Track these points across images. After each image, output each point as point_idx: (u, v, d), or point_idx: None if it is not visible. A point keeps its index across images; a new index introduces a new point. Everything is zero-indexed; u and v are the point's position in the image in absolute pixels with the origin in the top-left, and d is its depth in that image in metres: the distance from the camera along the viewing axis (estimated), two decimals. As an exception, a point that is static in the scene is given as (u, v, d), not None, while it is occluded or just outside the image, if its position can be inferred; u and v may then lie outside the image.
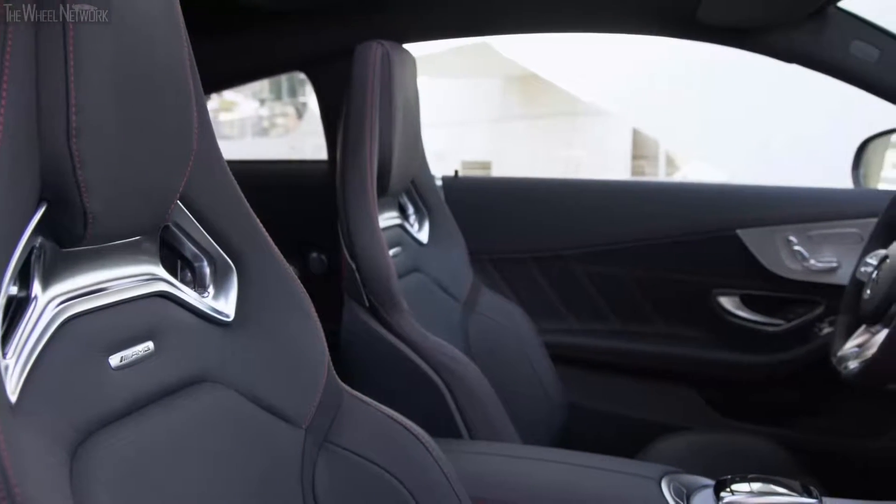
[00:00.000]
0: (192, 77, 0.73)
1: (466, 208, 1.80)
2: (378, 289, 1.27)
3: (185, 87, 0.71)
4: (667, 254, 1.78)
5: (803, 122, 6.25)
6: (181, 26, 0.70)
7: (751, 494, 0.98)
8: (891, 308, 1.21)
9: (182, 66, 0.70)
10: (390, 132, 1.35)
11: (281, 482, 0.81)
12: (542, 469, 1.10)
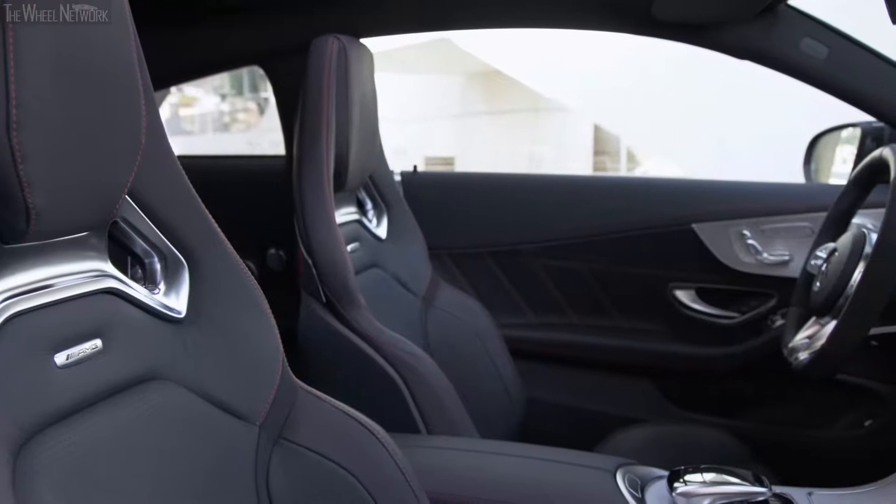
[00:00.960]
0: (141, 71, 0.72)
1: (425, 203, 1.80)
2: (335, 284, 1.27)
3: (133, 82, 0.70)
4: (624, 248, 1.80)
5: (761, 120, 6.34)
6: (128, 19, 0.69)
7: (703, 484, 0.99)
8: (839, 300, 1.23)
9: (129, 60, 0.69)
10: (347, 127, 1.34)
11: (234, 479, 0.80)
12: (498, 463, 1.10)
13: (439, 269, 1.79)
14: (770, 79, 1.56)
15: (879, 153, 1.25)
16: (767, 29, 1.46)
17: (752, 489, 0.98)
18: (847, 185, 1.41)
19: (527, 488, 1.02)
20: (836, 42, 1.46)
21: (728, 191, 1.80)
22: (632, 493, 1.02)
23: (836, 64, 1.45)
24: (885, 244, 1.11)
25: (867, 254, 1.20)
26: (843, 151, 1.96)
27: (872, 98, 1.47)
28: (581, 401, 1.85)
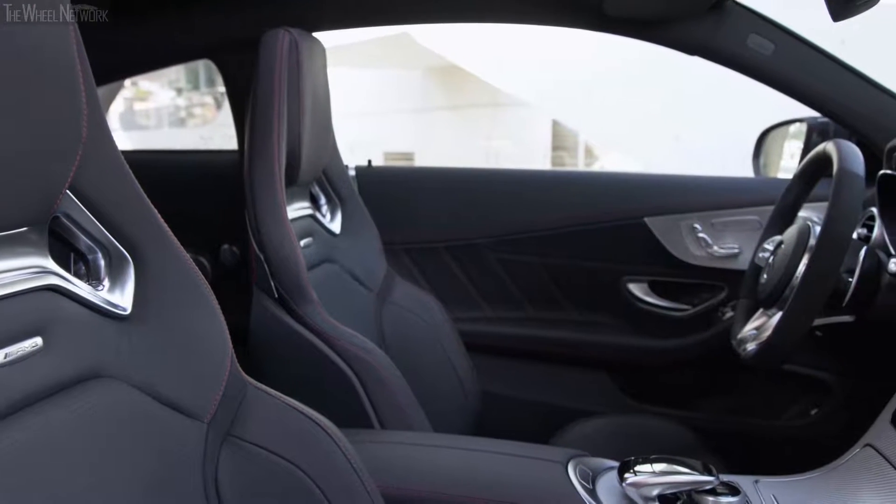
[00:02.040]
0: (81, 64, 0.71)
1: (380, 198, 1.80)
2: (287, 280, 1.26)
3: (71, 74, 0.68)
4: (577, 242, 1.82)
5: (717, 117, 6.44)
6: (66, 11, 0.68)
7: (653, 474, 1.01)
8: (785, 292, 1.26)
9: (67, 53, 0.67)
10: (299, 121, 1.33)
11: (181, 477, 0.79)
12: (450, 456, 1.10)
13: (394, 264, 1.79)
14: (727, 76, 1.58)
15: (823, 148, 1.27)
16: (716, 25, 1.48)
17: (699, 478, 1.00)
18: (792, 179, 1.44)
19: (478, 481, 1.03)
20: (781, 39, 1.49)
21: (679, 185, 1.83)
22: (583, 485, 1.03)
23: (781, 60, 1.48)
24: (828, 237, 1.13)
25: (811, 246, 1.22)
26: (791, 146, 2.00)
27: (816, 94, 1.51)
28: (536, 394, 1.86)
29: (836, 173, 1.16)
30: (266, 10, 1.57)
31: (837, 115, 1.54)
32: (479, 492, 1.00)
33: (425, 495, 1.00)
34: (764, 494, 1.08)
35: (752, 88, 1.58)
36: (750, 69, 1.51)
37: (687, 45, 1.52)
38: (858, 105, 1.51)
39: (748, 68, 1.51)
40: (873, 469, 1.06)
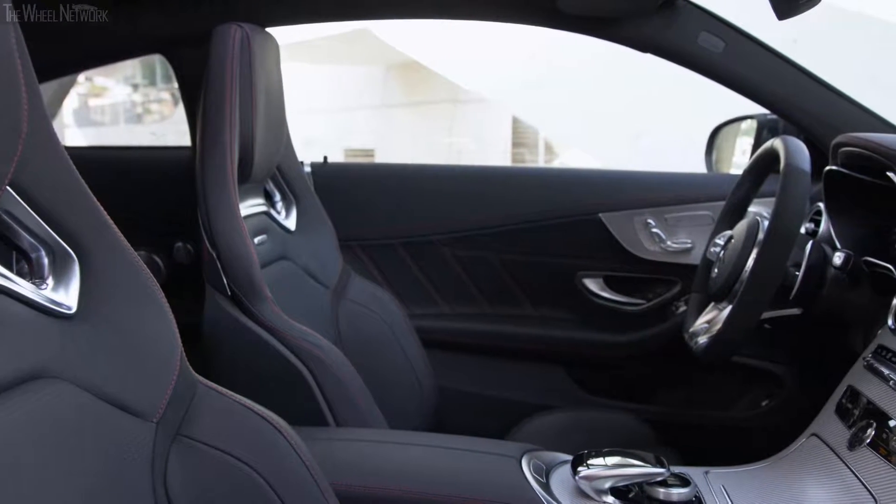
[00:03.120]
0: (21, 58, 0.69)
1: (336, 195, 1.79)
2: (240, 277, 1.24)
3: (11, 68, 0.67)
4: (533, 238, 1.83)
5: (676, 114, 6.52)
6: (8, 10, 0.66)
7: (605, 467, 1.02)
8: (735, 285, 1.28)
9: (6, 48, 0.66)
10: (251, 117, 1.32)
11: (129, 478, 0.78)
12: (404, 452, 1.10)
13: (351, 260, 1.78)
14: (687, 73, 1.60)
15: (771, 144, 1.30)
16: (667, 23, 1.50)
17: (651, 470, 1.01)
18: (742, 175, 1.46)
19: (432, 477, 1.03)
20: (731, 36, 1.51)
21: (633, 181, 1.85)
22: (536, 479, 1.03)
23: (731, 57, 1.51)
24: (775, 231, 1.15)
25: (760, 241, 1.25)
26: (743, 142, 2.03)
27: (765, 91, 1.54)
28: (493, 389, 1.87)
29: (782, 169, 1.19)
30: (218, 5, 1.55)
31: (785, 112, 1.57)
32: (433, 487, 1.00)
33: (378, 492, 1.00)
34: (714, 485, 1.10)
35: (712, 86, 1.61)
36: (701, 67, 1.53)
37: (639, 43, 1.54)
38: (805, 102, 1.54)
39: (699, 66, 1.53)
40: (818, 457, 1.09)
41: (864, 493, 0.96)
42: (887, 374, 1.06)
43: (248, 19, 1.36)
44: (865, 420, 1.05)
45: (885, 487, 0.94)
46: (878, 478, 0.96)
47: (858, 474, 0.99)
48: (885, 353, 1.11)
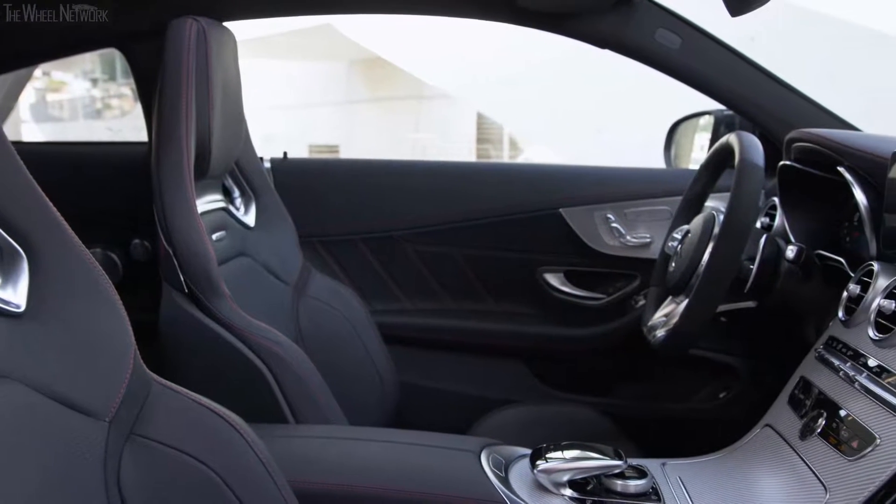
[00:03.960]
0: None
1: (296, 191, 1.78)
2: (197, 274, 1.23)
3: None
4: (494, 233, 1.83)
5: (637, 110, 6.59)
6: None
7: (563, 461, 1.03)
8: (692, 279, 1.30)
9: None
10: (208, 112, 1.31)
11: (81, 479, 0.77)
12: (364, 449, 1.10)
13: (311, 256, 1.77)
14: (649, 70, 1.62)
15: (726, 140, 1.31)
16: (624, 19, 1.51)
17: (608, 462, 1.02)
18: (699, 170, 1.48)
19: (391, 472, 1.03)
20: (688, 33, 1.53)
21: (593, 176, 1.86)
22: (495, 473, 1.04)
23: (688, 54, 1.53)
24: (730, 225, 1.17)
25: (716, 235, 1.26)
26: (701, 138, 2.06)
27: (721, 88, 1.56)
28: (455, 384, 1.87)
29: (737, 165, 1.20)
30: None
31: (740, 108, 1.60)
32: (392, 483, 1.00)
33: (337, 489, 1.00)
34: (670, 476, 1.11)
35: (674, 82, 1.62)
36: (657, 63, 1.55)
37: (597, 39, 1.55)
38: (760, 98, 1.56)
39: (656, 62, 1.55)
40: (771, 447, 1.11)
41: (815, 481, 0.98)
42: (837, 364, 1.08)
43: (204, 13, 1.34)
44: (817, 410, 1.07)
45: (834, 476, 0.96)
46: (828, 466, 0.98)
47: (809, 463, 1.01)
48: (835, 344, 1.13)
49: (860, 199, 1.17)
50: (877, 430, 0.93)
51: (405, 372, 1.76)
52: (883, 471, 0.89)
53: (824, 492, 0.95)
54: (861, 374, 1.02)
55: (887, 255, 1.12)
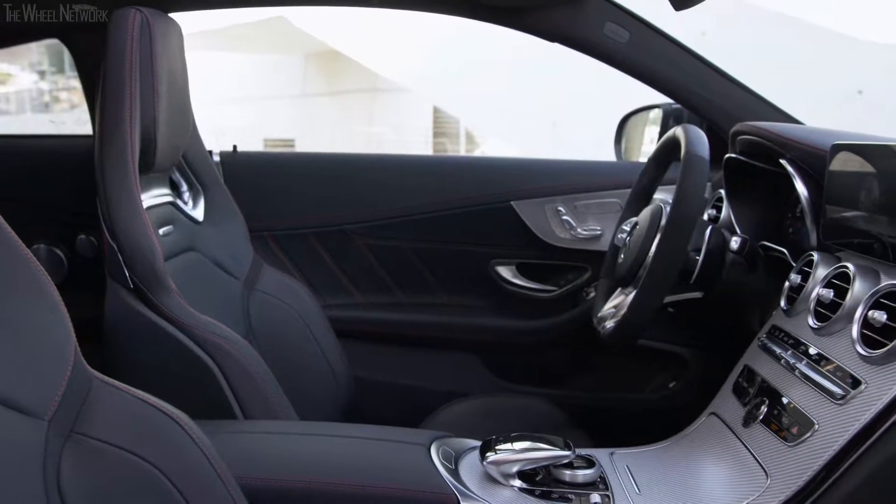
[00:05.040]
0: None
1: (246, 184, 1.76)
2: (142, 269, 1.21)
3: None
4: (446, 226, 1.83)
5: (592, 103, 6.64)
6: None
7: (513, 452, 1.03)
8: (640, 271, 1.31)
9: None
10: (153, 104, 1.28)
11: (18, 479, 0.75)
12: (313, 443, 1.10)
13: (262, 251, 1.75)
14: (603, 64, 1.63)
15: (672, 133, 1.33)
16: (573, 13, 1.52)
17: (557, 453, 1.03)
18: (647, 163, 1.50)
19: (339, 466, 1.02)
20: (636, 27, 1.55)
21: (544, 169, 1.87)
22: (445, 466, 1.04)
23: (636, 48, 1.54)
24: (676, 217, 1.19)
25: (662, 226, 1.28)
26: (651, 131, 2.08)
27: (669, 81, 1.58)
28: (408, 378, 1.87)
29: (683, 157, 1.22)
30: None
31: (688, 101, 1.62)
32: (340, 477, 1.00)
33: (284, 484, 0.99)
34: (618, 465, 1.13)
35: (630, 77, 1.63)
36: (606, 56, 1.56)
37: (547, 33, 1.56)
38: (706, 92, 1.59)
39: (605, 55, 1.56)
40: (715, 435, 1.13)
41: (757, 467, 1.00)
42: (779, 353, 1.10)
43: (148, 3, 1.32)
44: (760, 398, 1.09)
45: (775, 461, 0.98)
46: (769, 453, 1.00)
47: (752, 450, 1.03)
48: (777, 333, 1.15)
49: (801, 191, 1.20)
50: (815, 416, 0.96)
51: (358, 366, 1.75)
52: (820, 455, 0.91)
53: (766, 477, 0.98)
54: (801, 362, 1.04)
55: (827, 245, 1.15)
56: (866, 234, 1.03)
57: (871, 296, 0.96)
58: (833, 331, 1.02)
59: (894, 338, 0.89)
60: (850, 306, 1.00)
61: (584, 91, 6.51)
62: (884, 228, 0.99)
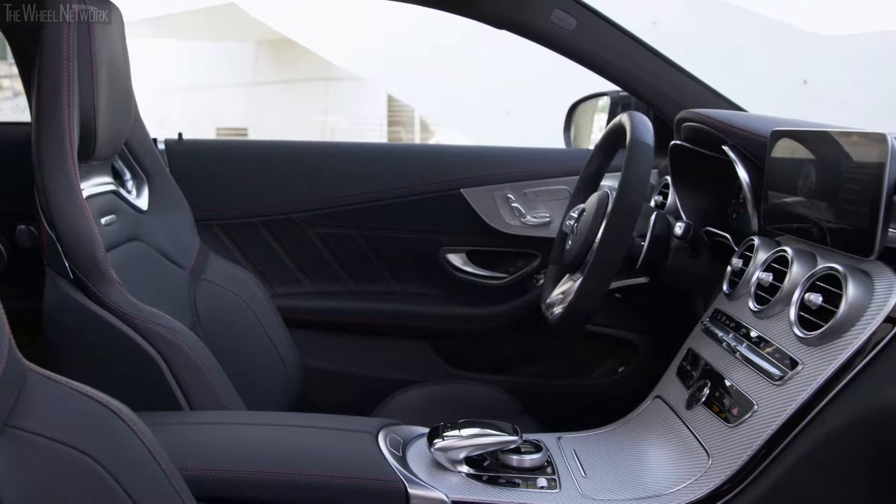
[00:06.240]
0: None
1: (192, 173, 1.73)
2: (82, 260, 1.18)
3: None
4: (396, 214, 1.83)
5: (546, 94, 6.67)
6: None
7: (460, 438, 1.04)
8: (587, 257, 1.32)
9: None
10: (92, 91, 1.25)
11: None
12: (259, 433, 1.09)
13: (209, 240, 1.73)
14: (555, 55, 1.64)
15: (618, 120, 1.34)
16: (521, 1, 1.52)
17: (504, 438, 1.04)
18: (594, 150, 1.51)
19: (285, 455, 1.02)
20: (583, 15, 1.55)
21: (493, 156, 1.87)
22: (392, 453, 1.04)
23: (583, 35, 1.55)
24: (621, 203, 1.19)
25: (608, 213, 1.29)
26: (600, 119, 2.10)
27: (615, 69, 1.59)
28: (359, 367, 1.86)
29: (627, 144, 1.23)
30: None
31: (634, 88, 1.63)
32: (287, 466, 0.99)
33: (231, 474, 0.98)
34: (565, 449, 1.14)
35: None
36: (553, 44, 1.57)
37: (494, 20, 1.56)
38: (652, 80, 1.60)
39: (552, 43, 1.57)
40: (660, 418, 1.15)
41: (700, 448, 1.02)
42: (721, 336, 1.12)
43: None
44: (703, 380, 1.11)
45: (717, 442, 1.00)
46: (711, 434, 1.02)
47: (695, 431, 1.05)
48: (720, 316, 1.17)
49: (743, 177, 1.22)
50: (755, 398, 0.98)
51: (308, 356, 1.74)
52: (759, 435, 0.94)
53: (707, 458, 0.99)
54: (742, 345, 1.06)
55: (768, 230, 1.17)
56: (805, 219, 1.05)
57: (808, 279, 0.99)
58: (772, 313, 1.04)
59: (830, 319, 0.91)
60: (787, 289, 1.02)
61: (540, 79, 6.54)
62: (822, 213, 1.01)
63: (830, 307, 0.93)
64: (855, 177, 0.94)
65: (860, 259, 0.94)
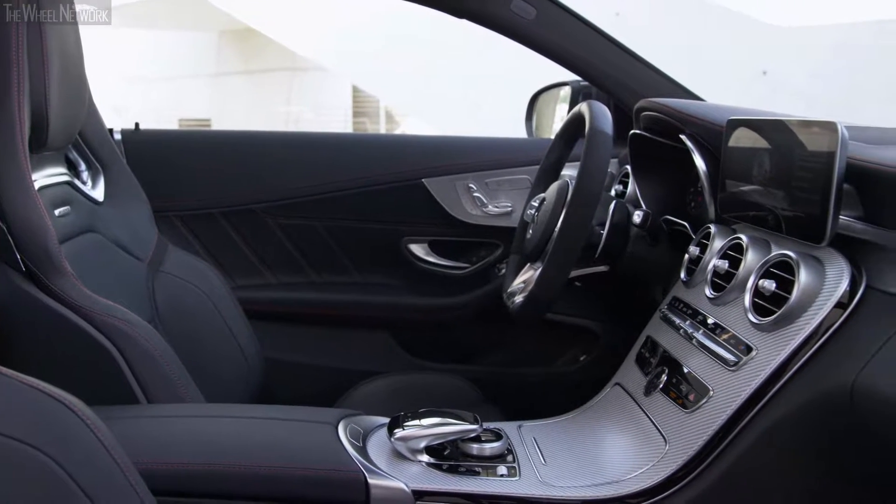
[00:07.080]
0: None
1: (150, 163, 1.71)
2: (35, 251, 1.16)
3: None
4: (357, 204, 1.82)
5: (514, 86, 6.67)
6: None
7: (420, 428, 1.04)
8: (547, 246, 1.33)
9: None
10: (44, 80, 1.22)
11: None
12: (217, 425, 1.08)
13: (168, 232, 1.70)
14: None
15: (578, 110, 1.34)
16: None
17: (464, 427, 1.04)
18: (554, 139, 1.52)
19: (243, 448, 1.01)
20: (543, 4, 1.56)
21: (455, 146, 1.87)
22: (353, 443, 1.03)
23: (542, 25, 1.55)
24: (579, 192, 1.20)
25: (567, 202, 1.29)
26: (562, 109, 2.10)
27: (575, 58, 1.60)
28: (321, 358, 1.86)
29: (586, 133, 1.23)
30: None
31: (594, 78, 1.64)
32: (244, 459, 0.98)
33: (189, 467, 0.97)
34: (526, 437, 1.14)
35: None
36: (513, 33, 1.57)
37: (454, 9, 1.56)
38: (612, 69, 1.61)
39: (512, 32, 1.57)
40: (618, 405, 1.16)
41: (657, 434, 1.03)
42: (678, 323, 1.13)
43: None
44: (661, 367, 1.12)
45: (674, 428, 1.01)
46: (668, 420, 1.03)
47: (652, 418, 1.06)
48: (677, 303, 1.19)
49: (700, 166, 1.23)
50: (711, 383, 0.99)
51: (270, 347, 1.72)
52: (715, 420, 0.95)
53: (665, 444, 1.01)
54: (698, 331, 1.08)
55: (724, 218, 1.18)
56: (760, 207, 1.07)
57: (762, 265, 1.00)
58: (728, 300, 1.06)
59: (783, 305, 0.93)
60: (742, 276, 1.03)
61: (509, 72, 6.55)
62: (776, 201, 1.03)
63: (783, 293, 0.94)
64: (808, 165, 0.95)
65: (812, 246, 0.96)
